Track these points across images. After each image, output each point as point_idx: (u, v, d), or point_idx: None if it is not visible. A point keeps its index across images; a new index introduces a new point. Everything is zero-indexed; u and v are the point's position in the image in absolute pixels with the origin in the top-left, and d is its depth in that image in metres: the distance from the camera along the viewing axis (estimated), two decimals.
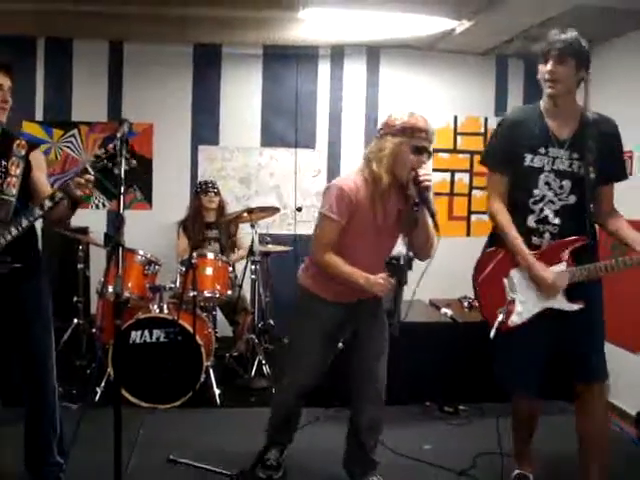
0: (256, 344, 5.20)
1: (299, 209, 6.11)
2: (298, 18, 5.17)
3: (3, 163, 2.99)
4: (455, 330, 4.88)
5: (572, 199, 3.09)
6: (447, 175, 6.46)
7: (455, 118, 6.42)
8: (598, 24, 4.94)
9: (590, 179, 3.06)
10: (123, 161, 2.66)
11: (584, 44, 3.09)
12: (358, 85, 6.34)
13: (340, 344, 3.24)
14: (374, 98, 6.35)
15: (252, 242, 5.16)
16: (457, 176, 6.47)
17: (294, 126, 6.29)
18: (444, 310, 5.18)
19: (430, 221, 3.11)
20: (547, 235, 3.12)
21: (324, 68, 6.32)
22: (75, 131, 6.06)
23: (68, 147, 6.04)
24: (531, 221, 3.12)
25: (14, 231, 2.91)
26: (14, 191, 2.98)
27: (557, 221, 3.10)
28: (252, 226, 5.18)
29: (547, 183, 3.09)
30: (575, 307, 3.09)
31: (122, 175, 2.61)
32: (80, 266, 5.23)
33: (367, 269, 3.07)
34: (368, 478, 3.43)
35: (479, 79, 6.40)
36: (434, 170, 6.37)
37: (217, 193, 5.67)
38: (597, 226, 3.22)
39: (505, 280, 3.17)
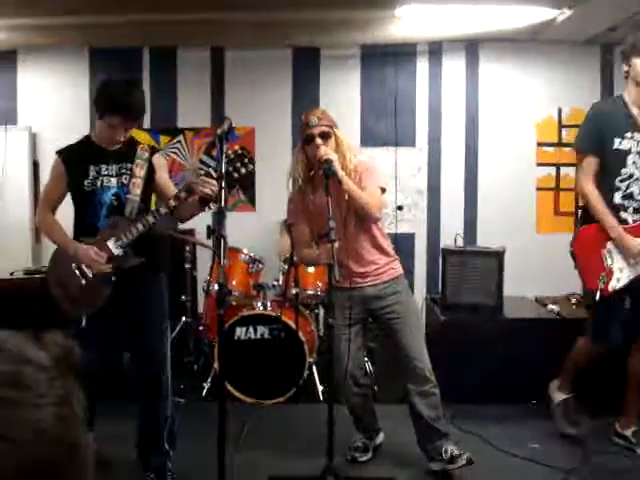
0: None
1: (400, 208, 6.09)
2: (395, 16, 5.16)
3: (129, 166, 3.23)
4: (562, 326, 4.74)
5: None
6: (552, 170, 6.27)
7: (559, 110, 6.23)
8: None
9: None
10: (223, 159, 2.76)
11: None
12: (457, 81, 6.26)
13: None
14: (474, 94, 6.26)
15: None
16: (563, 170, 6.25)
17: (394, 125, 6.28)
18: (551, 306, 5.04)
19: (349, 186, 3.35)
20: (631, 210, 3.61)
21: (422, 65, 6.27)
22: (181, 137, 6.28)
23: (174, 153, 6.26)
24: (617, 197, 3.60)
25: (141, 227, 3.14)
26: (138, 191, 3.25)
27: None
28: None
29: (634, 162, 3.57)
30: None
31: (222, 170, 2.70)
32: (187, 266, 5.41)
33: (356, 252, 3.50)
34: (443, 447, 3.48)
35: (583, 69, 6.19)
36: (538, 164, 6.23)
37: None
38: None
39: (604, 251, 3.60)
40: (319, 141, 3.42)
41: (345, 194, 3.37)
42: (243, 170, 2.86)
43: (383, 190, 3.53)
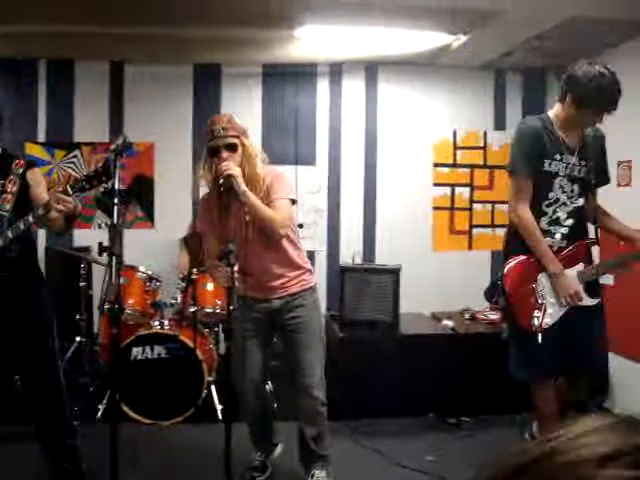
0: None
1: (300, 226, 6.12)
2: (295, 36, 5.22)
3: (1, 182, 3.13)
4: (456, 342, 4.89)
5: (580, 202, 3.45)
6: (448, 189, 6.47)
7: (454, 133, 6.45)
8: (593, 35, 4.99)
9: (592, 183, 3.47)
10: (117, 175, 2.72)
11: None
12: (357, 102, 6.38)
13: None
14: (373, 114, 6.39)
15: None
16: (457, 190, 6.48)
17: (294, 143, 6.34)
18: (445, 322, 5.18)
19: (251, 203, 3.22)
20: (558, 236, 3.44)
21: (323, 85, 6.37)
22: (77, 152, 6.12)
23: (70, 167, 6.09)
24: (543, 223, 3.41)
25: (10, 234, 3.05)
26: (8, 206, 3.16)
27: (569, 222, 3.43)
28: None
29: (561, 187, 3.41)
30: (596, 301, 3.45)
31: (116, 187, 2.65)
32: (82, 284, 5.25)
33: (263, 267, 3.41)
34: (311, 471, 3.53)
35: (478, 93, 6.44)
36: (434, 185, 6.41)
37: None
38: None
39: (534, 285, 3.40)
40: (224, 154, 3.26)
41: (246, 210, 3.24)
42: (101, 189, 2.80)
43: (293, 202, 3.41)
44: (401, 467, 3.91)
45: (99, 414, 4.52)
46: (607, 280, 5.03)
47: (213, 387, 4.74)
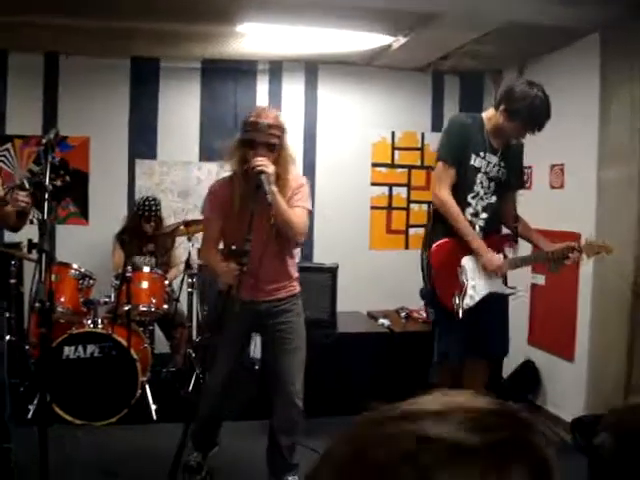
0: (193, 358, 5.16)
1: None
2: (237, 32, 5.18)
3: None
4: (392, 340, 4.93)
5: (493, 199, 3.72)
6: (385, 189, 6.53)
7: (393, 133, 6.50)
8: (530, 41, 5.11)
9: (509, 185, 3.78)
10: (48, 169, 2.65)
11: None
12: (296, 100, 6.38)
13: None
14: (313, 113, 6.40)
15: (189, 256, 5.13)
16: (395, 190, 6.54)
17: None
18: (381, 321, 5.23)
19: (279, 206, 3.18)
20: (477, 228, 3.67)
21: (263, 83, 6.33)
22: (9, 145, 5.94)
23: (2, 161, 5.92)
24: (467, 213, 3.64)
25: None
26: None
27: (484, 216, 3.69)
28: (189, 239, 5.16)
29: (481, 182, 3.66)
30: (512, 290, 3.81)
31: (47, 182, 2.59)
32: (12, 281, 5.11)
33: (265, 271, 3.28)
34: (279, 473, 3.52)
35: (416, 95, 6.51)
36: (372, 184, 6.46)
37: (158, 216, 5.47)
38: None
39: (458, 268, 3.60)
40: (262, 151, 3.17)
41: (272, 211, 3.16)
42: (59, 182, 2.71)
43: (309, 212, 3.40)
44: None
45: (29, 415, 4.40)
46: (538, 280, 5.17)
47: (147, 387, 4.67)
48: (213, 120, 6.24)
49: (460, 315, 3.54)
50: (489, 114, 3.69)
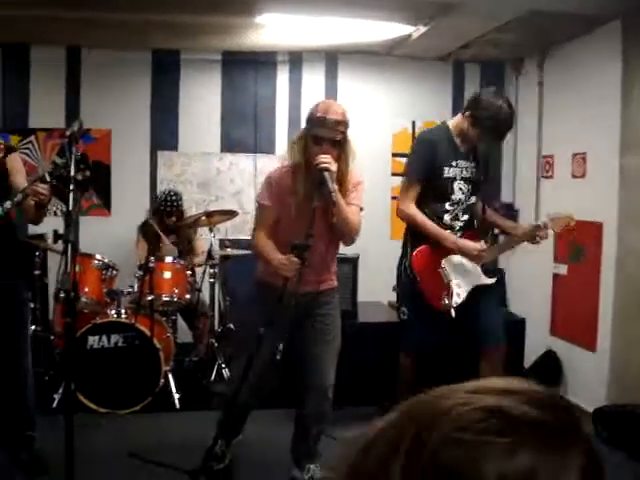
0: (215, 348, 5.20)
1: None
2: (256, 23, 5.19)
3: None
4: None
5: (473, 199, 3.94)
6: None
7: (413, 123, 6.48)
8: (551, 29, 5.07)
9: (481, 182, 3.96)
10: (73, 164, 2.68)
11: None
12: (316, 91, 6.36)
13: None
14: None
15: (211, 246, 5.16)
16: None
17: (253, 132, 6.31)
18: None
19: (340, 204, 3.20)
20: (457, 228, 3.88)
21: (283, 74, 6.35)
22: (32, 137, 6.01)
23: (25, 154, 5.98)
24: (446, 219, 3.86)
25: None
26: None
27: (465, 217, 3.91)
28: (210, 230, 5.19)
29: (460, 189, 3.86)
30: (493, 280, 3.96)
31: (72, 173, 2.62)
32: (37, 272, 5.18)
33: (317, 265, 3.28)
34: (306, 465, 3.52)
35: (436, 84, 6.48)
36: (393, 175, 6.45)
37: (179, 210, 5.52)
38: None
39: (440, 270, 3.79)
40: (327, 147, 3.19)
41: (332, 209, 3.19)
42: (80, 176, 2.73)
43: (361, 209, 3.43)
44: None
45: (54, 404, 4.47)
46: (560, 270, 5.15)
47: (170, 376, 4.72)
48: (234, 111, 6.27)
49: (453, 314, 3.72)
50: (457, 120, 3.87)
